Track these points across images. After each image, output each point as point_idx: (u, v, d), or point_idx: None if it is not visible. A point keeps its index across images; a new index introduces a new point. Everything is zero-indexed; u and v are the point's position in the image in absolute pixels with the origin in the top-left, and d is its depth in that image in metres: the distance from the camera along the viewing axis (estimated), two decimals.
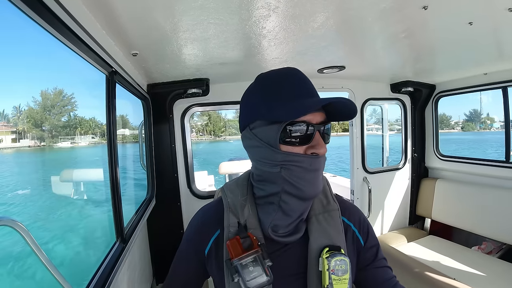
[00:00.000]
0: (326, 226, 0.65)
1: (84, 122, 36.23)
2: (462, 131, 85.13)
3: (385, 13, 1.06)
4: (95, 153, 32.97)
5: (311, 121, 0.56)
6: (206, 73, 1.89)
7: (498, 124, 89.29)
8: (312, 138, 0.57)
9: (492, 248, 2.28)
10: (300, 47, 1.45)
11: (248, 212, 0.64)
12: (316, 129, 0.57)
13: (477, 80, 2.29)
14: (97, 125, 44.53)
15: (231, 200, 0.67)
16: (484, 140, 57.35)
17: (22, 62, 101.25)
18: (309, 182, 0.57)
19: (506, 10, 1.04)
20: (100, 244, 8.77)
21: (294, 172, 0.56)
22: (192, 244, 0.70)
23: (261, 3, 0.93)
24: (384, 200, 2.72)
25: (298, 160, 0.56)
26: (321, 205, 0.68)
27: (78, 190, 7.96)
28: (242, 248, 0.59)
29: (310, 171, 0.57)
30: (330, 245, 0.63)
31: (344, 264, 0.60)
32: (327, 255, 0.60)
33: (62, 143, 31.99)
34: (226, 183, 0.73)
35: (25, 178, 25.04)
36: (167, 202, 2.19)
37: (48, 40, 41.54)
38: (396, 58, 1.82)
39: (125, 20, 1.00)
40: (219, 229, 0.67)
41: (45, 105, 42.71)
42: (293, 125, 0.56)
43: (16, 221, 0.64)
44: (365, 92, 2.51)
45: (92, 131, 35.19)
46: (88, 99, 75.59)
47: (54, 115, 42.66)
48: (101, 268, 1.03)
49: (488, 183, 2.31)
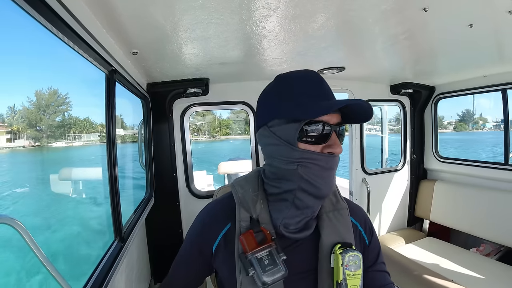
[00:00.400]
0: (337, 223, 0.67)
1: (78, 122, 36.16)
2: (455, 131, 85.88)
3: (385, 15, 1.06)
4: (91, 153, 32.87)
5: (328, 121, 0.58)
6: (206, 73, 1.89)
7: (490, 125, 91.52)
8: (329, 137, 0.59)
9: (491, 250, 2.29)
10: (300, 48, 1.45)
11: (260, 207, 0.65)
12: (333, 129, 0.59)
13: (476, 82, 2.29)
14: (91, 125, 44.48)
15: (242, 195, 0.67)
16: (476, 140, 57.74)
17: (21, 60, 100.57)
18: (324, 180, 0.59)
19: (507, 12, 1.04)
20: (98, 241, 8.77)
21: (311, 169, 0.58)
22: (196, 244, 0.70)
23: (262, 3, 0.93)
24: (382, 201, 2.72)
25: (315, 158, 0.58)
26: (331, 204, 0.69)
27: (77, 189, 7.95)
28: (256, 242, 0.60)
29: (326, 169, 0.58)
30: (342, 241, 0.64)
31: (357, 260, 0.61)
32: (340, 251, 0.61)
33: (57, 143, 31.91)
34: (235, 180, 0.73)
35: (22, 176, 24.96)
36: (166, 202, 2.19)
37: (48, 39, 41.46)
38: (396, 60, 1.82)
39: (126, 19, 1.00)
40: (229, 223, 0.67)
41: (39, 104, 42.55)
42: (311, 124, 0.58)
43: (14, 219, 0.64)
44: (364, 93, 2.52)
45: (87, 131, 35.08)
46: (88, 98, 75.53)
47: (48, 115, 42.49)
48: (99, 267, 1.02)
49: (487, 185, 2.31)
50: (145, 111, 1.99)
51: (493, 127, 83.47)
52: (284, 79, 0.64)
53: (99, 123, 34.47)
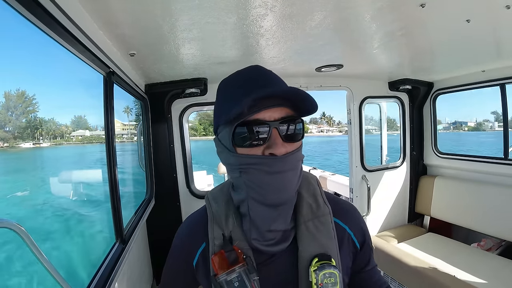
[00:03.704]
0: (316, 233, 0.61)
1: (45, 123, 35.94)
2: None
3: (382, 11, 1.06)
4: (57, 154, 32.54)
5: (265, 118, 0.52)
6: (204, 73, 1.89)
7: (472, 124, 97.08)
8: (268, 137, 0.52)
9: (492, 245, 2.29)
10: (297, 46, 1.44)
11: (232, 223, 0.61)
12: (272, 127, 0.52)
13: (475, 78, 2.29)
14: (57, 126, 44.30)
15: (215, 210, 0.64)
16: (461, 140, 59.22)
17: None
18: (272, 186, 0.53)
19: (504, 7, 1.04)
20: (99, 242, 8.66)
21: (253, 175, 0.53)
22: (180, 256, 0.68)
23: (258, 2, 0.93)
24: (383, 198, 2.72)
25: (254, 163, 0.52)
26: (310, 211, 0.63)
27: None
28: (227, 262, 0.57)
29: (270, 174, 0.52)
30: (320, 254, 0.59)
31: (334, 277, 0.56)
32: (315, 268, 0.57)
33: (25, 144, 31.69)
34: (211, 190, 0.70)
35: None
36: (166, 203, 2.19)
37: (44, 41, 41.62)
38: (394, 56, 1.82)
39: (123, 20, 1.00)
40: (204, 242, 0.64)
41: (8, 106, 42.23)
42: (245, 125, 0.52)
43: (16, 223, 0.64)
44: (363, 90, 2.52)
45: (53, 132, 34.87)
46: (85, 101, 75.17)
47: (16, 116, 42.03)
48: (101, 270, 1.03)
49: (486, 180, 2.32)
50: (144, 112, 1.98)
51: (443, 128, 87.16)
52: (222, 82, 0.62)
53: (63, 124, 34.40)
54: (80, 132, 47.66)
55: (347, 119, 2.62)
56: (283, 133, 0.53)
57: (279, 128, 0.52)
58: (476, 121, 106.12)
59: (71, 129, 48.55)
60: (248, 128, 0.52)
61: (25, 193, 9.13)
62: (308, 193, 0.65)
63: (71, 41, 0.80)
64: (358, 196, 2.61)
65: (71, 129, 48.74)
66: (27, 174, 25.81)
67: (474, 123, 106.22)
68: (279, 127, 0.52)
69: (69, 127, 28.60)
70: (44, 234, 8.24)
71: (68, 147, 36.84)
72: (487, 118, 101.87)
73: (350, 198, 2.68)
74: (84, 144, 27.84)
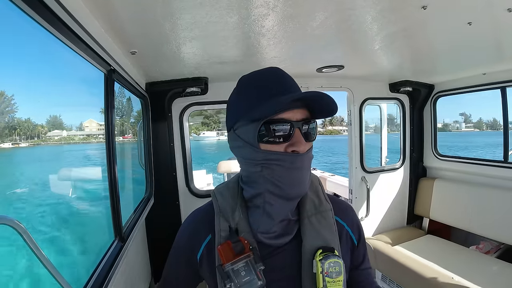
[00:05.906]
0: (319, 227, 0.65)
1: (22, 123, 35.89)
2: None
3: (384, 13, 1.06)
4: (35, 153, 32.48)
5: (290, 118, 0.56)
6: (205, 72, 1.89)
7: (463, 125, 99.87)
8: (291, 135, 0.56)
9: (490, 247, 2.29)
10: (299, 46, 1.44)
11: (238, 216, 0.63)
12: (296, 127, 0.56)
13: (475, 80, 2.29)
14: (34, 126, 44.39)
15: (222, 203, 0.66)
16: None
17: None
18: (292, 181, 0.57)
19: (506, 10, 1.04)
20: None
21: (275, 171, 0.56)
22: (182, 251, 0.70)
23: (260, 2, 0.93)
24: (382, 200, 2.72)
25: (278, 159, 0.56)
26: (313, 206, 0.67)
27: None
28: (233, 253, 0.59)
29: (291, 169, 0.56)
30: (324, 246, 0.62)
31: (338, 266, 0.59)
32: (320, 257, 0.60)
33: (3, 144, 31.74)
34: (217, 186, 0.72)
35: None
36: (165, 201, 2.19)
37: (45, 38, 41.36)
38: (395, 58, 1.82)
39: (124, 18, 1.00)
40: (210, 234, 0.67)
41: None
42: (271, 123, 0.56)
43: (15, 220, 0.64)
44: (363, 92, 2.52)
45: (30, 132, 34.85)
46: (85, 98, 75.05)
47: None
48: (99, 267, 1.03)
49: (486, 183, 2.31)
50: (144, 110, 1.98)
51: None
52: (245, 80, 0.64)
53: (39, 124, 34.40)
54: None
55: (347, 120, 2.62)
56: (304, 132, 0.58)
57: (301, 128, 0.57)
58: (443, 122, 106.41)
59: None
60: (274, 127, 0.56)
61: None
62: (311, 191, 0.69)
63: (73, 38, 0.80)
64: (358, 197, 2.61)
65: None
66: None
67: (441, 124, 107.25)
68: (301, 127, 0.57)
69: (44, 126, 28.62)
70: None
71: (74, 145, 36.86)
72: (456, 119, 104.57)
73: (349, 199, 2.68)
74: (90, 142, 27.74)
